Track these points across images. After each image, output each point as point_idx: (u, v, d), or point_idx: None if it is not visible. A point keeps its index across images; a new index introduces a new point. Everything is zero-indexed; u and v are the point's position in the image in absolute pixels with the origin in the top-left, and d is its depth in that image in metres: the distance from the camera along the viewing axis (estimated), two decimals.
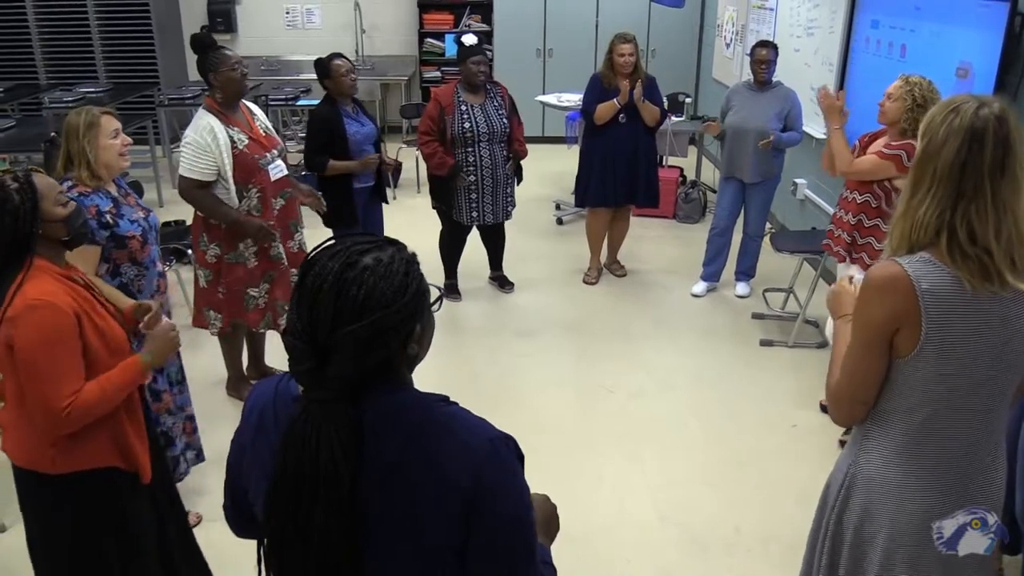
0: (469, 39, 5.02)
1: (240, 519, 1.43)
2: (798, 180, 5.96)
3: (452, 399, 1.26)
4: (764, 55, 4.86)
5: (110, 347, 2.11)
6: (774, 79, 4.95)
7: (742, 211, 5.21)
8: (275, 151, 3.73)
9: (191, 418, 3.24)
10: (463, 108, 4.79)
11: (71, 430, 2.03)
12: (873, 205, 3.54)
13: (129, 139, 2.90)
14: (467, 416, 1.24)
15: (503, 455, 1.21)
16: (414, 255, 1.23)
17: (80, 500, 2.14)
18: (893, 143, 3.41)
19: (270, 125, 3.86)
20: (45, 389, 1.96)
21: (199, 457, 3.29)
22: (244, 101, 3.73)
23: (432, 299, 1.27)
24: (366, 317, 1.13)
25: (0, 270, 1.98)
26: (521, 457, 1.25)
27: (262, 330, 3.93)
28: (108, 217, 2.79)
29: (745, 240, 5.29)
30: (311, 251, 1.21)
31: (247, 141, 3.59)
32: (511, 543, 1.21)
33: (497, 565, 1.21)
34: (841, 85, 5.07)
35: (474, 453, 1.18)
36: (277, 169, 3.71)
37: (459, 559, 1.19)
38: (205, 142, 3.49)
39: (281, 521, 1.17)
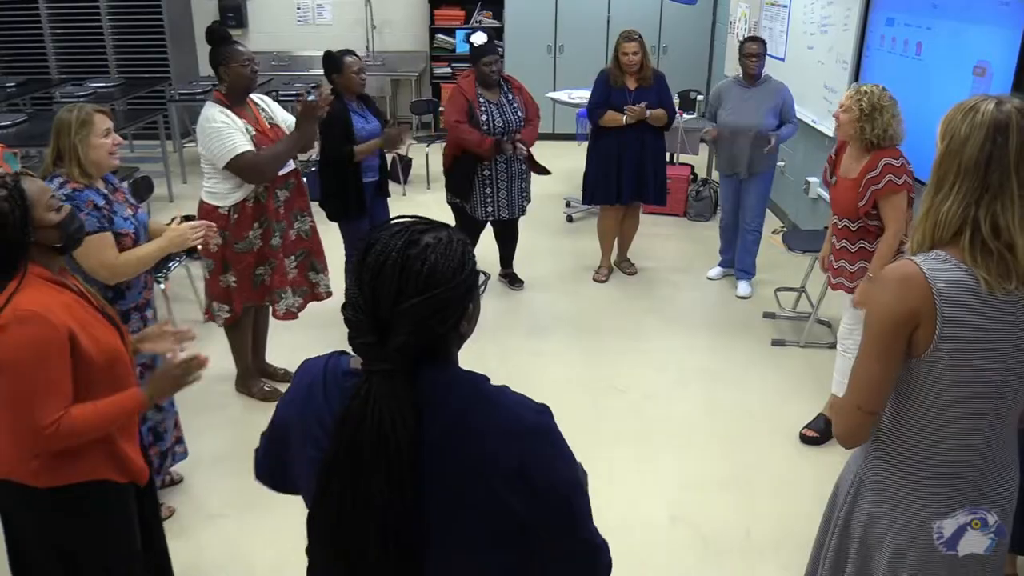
0: (478, 38, 5.02)
1: (266, 474, 1.45)
2: (810, 178, 5.91)
3: None
4: (755, 49, 4.90)
5: (108, 357, 2.02)
6: (763, 74, 5.00)
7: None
8: None
9: (176, 414, 3.26)
10: (481, 102, 4.82)
11: (53, 448, 1.94)
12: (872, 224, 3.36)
13: (119, 138, 2.87)
14: (512, 392, 1.29)
15: (550, 426, 1.27)
16: (466, 238, 1.28)
17: (69, 513, 2.04)
18: (874, 175, 3.23)
19: (277, 117, 3.81)
20: (30, 403, 1.88)
21: (184, 454, 3.33)
22: (251, 95, 3.72)
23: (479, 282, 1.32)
24: (429, 291, 1.17)
25: None
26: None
27: (267, 304, 3.90)
28: (105, 211, 2.76)
29: (742, 235, 5.27)
30: (370, 230, 1.25)
31: (254, 132, 3.59)
32: (566, 509, 1.28)
33: (555, 531, 1.27)
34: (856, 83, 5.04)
35: (523, 427, 1.24)
36: None
37: (517, 531, 1.24)
38: (227, 120, 3.48)
39: (339, 494, 1.19)
